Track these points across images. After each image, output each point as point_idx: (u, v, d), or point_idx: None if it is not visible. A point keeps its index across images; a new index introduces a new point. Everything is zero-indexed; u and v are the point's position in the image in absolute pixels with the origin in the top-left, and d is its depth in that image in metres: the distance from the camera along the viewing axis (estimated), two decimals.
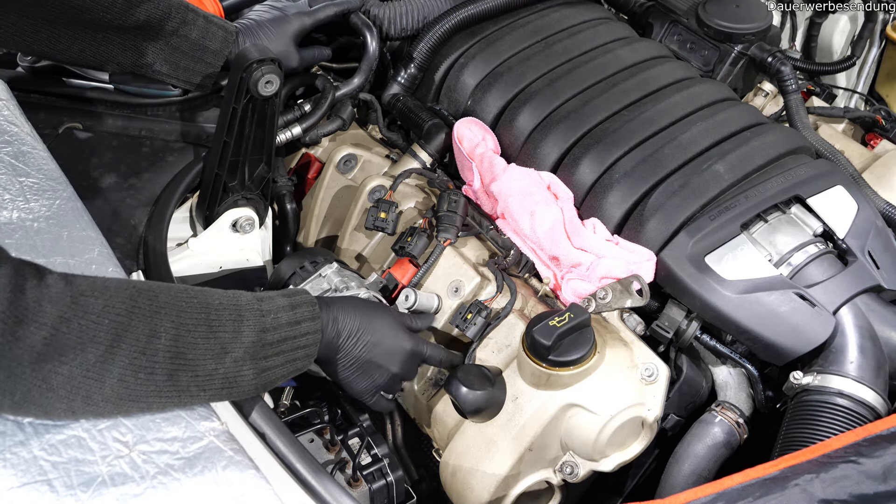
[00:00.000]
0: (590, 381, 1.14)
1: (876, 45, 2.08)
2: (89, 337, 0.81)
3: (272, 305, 0.99)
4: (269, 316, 0.97)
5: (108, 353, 0.82)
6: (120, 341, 0.83)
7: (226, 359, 0.92)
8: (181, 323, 0.88)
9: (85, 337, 0.81)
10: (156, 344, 0.86)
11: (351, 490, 1.18)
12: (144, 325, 0.85)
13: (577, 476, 1.18)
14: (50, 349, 0.79)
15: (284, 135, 1.47)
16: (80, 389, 0.82)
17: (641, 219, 1.27)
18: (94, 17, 1.23)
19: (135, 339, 0.84)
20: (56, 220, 1.09)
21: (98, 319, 0.82)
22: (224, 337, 0.92)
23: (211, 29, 1.34)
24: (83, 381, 0.82)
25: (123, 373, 0.84)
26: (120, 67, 1.33)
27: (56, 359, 0.79)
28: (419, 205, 1.42)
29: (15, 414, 0.84)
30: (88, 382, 0.82)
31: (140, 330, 0.85)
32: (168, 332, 0.87)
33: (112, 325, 0.82)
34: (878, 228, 1.26)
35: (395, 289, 1.34)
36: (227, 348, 0.92)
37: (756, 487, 0.86)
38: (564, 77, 1.47)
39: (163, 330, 0.86)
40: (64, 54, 1.28)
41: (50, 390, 0.80)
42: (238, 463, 0.88)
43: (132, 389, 0.85)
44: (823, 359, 1.15)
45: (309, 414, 1.29)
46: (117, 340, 0.83)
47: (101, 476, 0.83)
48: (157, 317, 0.87)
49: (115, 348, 0.83)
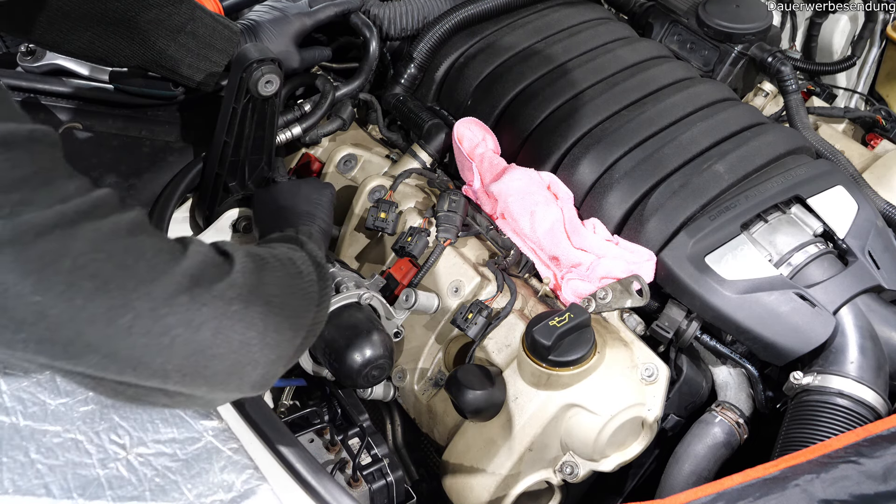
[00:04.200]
0: (590, 381, 1.14)
1: (876, 45, 2.07)
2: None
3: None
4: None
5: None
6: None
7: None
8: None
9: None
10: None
11: (351, 490, 1.18)
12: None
13: (577, 476, 1.17)
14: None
15: (284, 135, 1.47)
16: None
17: (641, 219, 1.27)
18: (109, 8, 1.24)
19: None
20: None
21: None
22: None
23: (217, 28, 1.34)
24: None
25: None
26: (126, 62, 1.33)
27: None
28: (419, 205, 1.42)
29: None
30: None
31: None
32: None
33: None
34: (878, 228, 1.25)
35: (396, 289, 1.34)
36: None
37: (756, 487, 0.86)
38: (564, 77, 1.47)
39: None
40: (73, 45, 1.28)
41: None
42: (237, 463, 0.88)
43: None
44: (823, 359, 1.15)
45: (309, 414, 1.29)
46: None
47: (97, 479, 0.83)
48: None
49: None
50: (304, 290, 0.96)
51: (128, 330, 0.75)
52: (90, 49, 1.29)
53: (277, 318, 0.88)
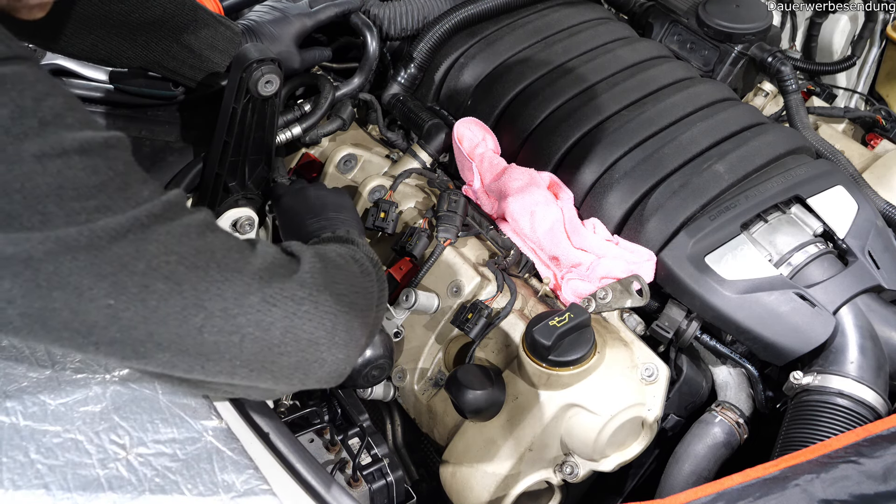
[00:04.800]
0: (590, 381, 1.14)
1: (876, 45, 2.08)
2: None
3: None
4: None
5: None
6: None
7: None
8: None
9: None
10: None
11: (351, 490, 1.18)
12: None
13: (577, 476, 1.17)
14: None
15: (284, 135, 1.47)
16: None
17: (641, 219, 1.27)
18: (112, 10, 1.24)
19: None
20: None
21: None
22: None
23: (220, 29, 1.35)
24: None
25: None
26: (129, 63, 1.33)
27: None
28: (419, 205, 1.42)
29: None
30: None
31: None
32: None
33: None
34: (878, 228, 1.25)
35: (396, 289, 1.34)
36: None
37: (756, 487, 0.86)
38: (564, 77, 1.47)
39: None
40: (77, 47, 1.28)
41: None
42: (237, 463, 0.88)
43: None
44: (823, 359, 1.15)
45: (309, 414, 1.29)
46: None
47: (97, 479, 0.83)
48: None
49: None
50: (367, 289, 0.98)
51: (199, 330, 0.78)
52: (93, 51, 1.29)
53: (346, 317, 0.90)
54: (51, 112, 0.71)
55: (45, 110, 0.70)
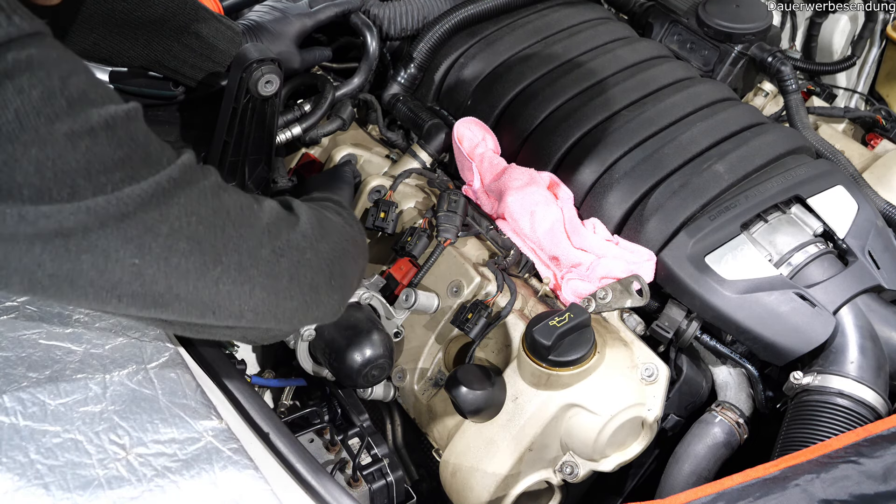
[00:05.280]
0: (590, 381, 1.14)
1: (876, 45, 2.08)
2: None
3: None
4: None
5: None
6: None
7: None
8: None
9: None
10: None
11: (351, 490, 1.18)
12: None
13: (577, 476, 1.17)
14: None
15: (284, 135, 1.47)
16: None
17: (641, 219, 1.27)
18: (115, 9, 1.24)
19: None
20: None
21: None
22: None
23: (220, 28, 1.35)
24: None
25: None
26: (130, 62, 1.33)
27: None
28: (419, 205, 1.42)
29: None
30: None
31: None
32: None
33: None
34: (878, 228, 1.25)
35: (395, 289, 1.34)
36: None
37: (756, 487, 0.86)
38: (564, 77, 1.47)
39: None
40: (78, 46, 1.28)
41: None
42: (237, 463, 0.88)
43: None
44: (823, 359, 1.15)
45: (309, 414, 1.29)
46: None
47: (97, 479, 0.83)
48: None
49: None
50: (356, 238, 1.07)
51: (215, 282, 0.85)
52: (94, 50, 1.29)
53: (341, 262, 1.00)
54: (77, 90, 0.73)
55: (71, 89, 0.73)
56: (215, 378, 1.03)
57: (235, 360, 1.25)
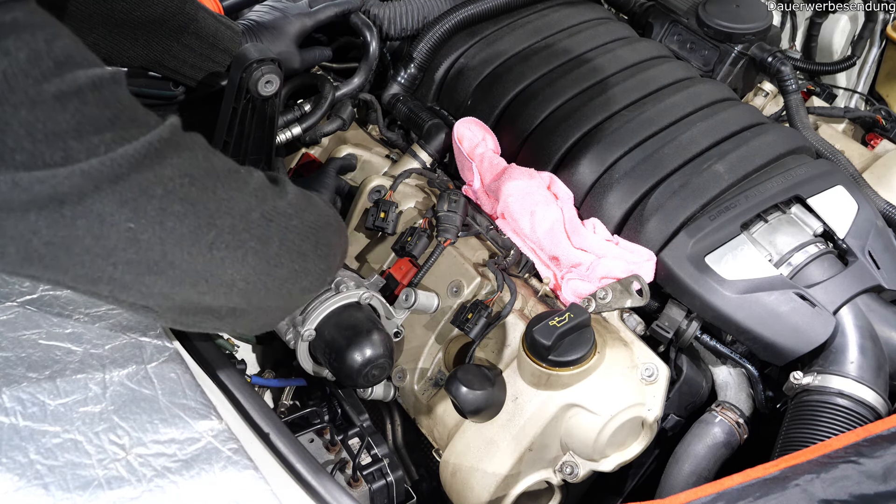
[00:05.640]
0: (590, 381, 1.14)
1: (876, 45, 2.08)
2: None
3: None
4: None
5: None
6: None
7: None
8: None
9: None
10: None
11: (351, 490, 1.18)
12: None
13: (577, 476, 1.17)
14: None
15: (284, 135, 1.47)
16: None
17: (641, 219, 1.27)
18: (114, 9, 1.24)
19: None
20: None
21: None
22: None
23: (220, 28, 1.35)
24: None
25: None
26: (130, 62, 1.33)
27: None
28: (419, 205, 1.42)
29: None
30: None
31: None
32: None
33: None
34: (878, 228, 1.25)
35: (395, 289, 1.34)
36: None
37: (756, 487, 0.86)
38: (564, 77, 1.47)
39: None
40: None
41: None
42: (236, 463, 0.88)
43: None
44: (824, 359, 1.15)
45: (309, 414, 1.29)
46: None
47: (97, 479, 0.83)
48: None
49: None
50: (336, 216, 1.08)
51: (209, 246, 0.84)
52: (94, 49, 1.28)
53: (326, 232, 1.01)
54: (63, 52, 0.73)
55: (56, 51, 0.73)
56: (215, 378, 1.03)
57: (235, 360, 1.25)
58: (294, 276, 0.95)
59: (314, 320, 1.20)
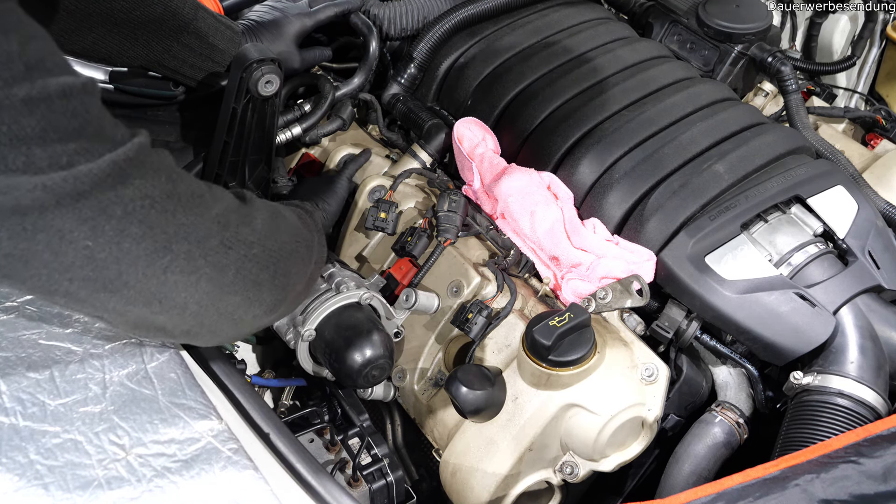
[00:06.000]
0: (590, 381, 1.14)
1: (876, 45, 2.08)
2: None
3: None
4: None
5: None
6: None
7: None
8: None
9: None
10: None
11: (351, 490, 1.18)
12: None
13: (577, 476, 1.17)
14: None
15: (284, 135, 1.47)
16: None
17: (641, 219, 1.27)
18: (114, 7, 1.24)
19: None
20: None
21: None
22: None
23: (220, 28, 1.35)
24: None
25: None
26: (130, 62, 1.33)
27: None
28: (419, 205, 1.42)
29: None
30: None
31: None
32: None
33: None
34: (878, 228, 1.25)
35: (396, 289, 1.34)
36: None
37: (756, 487, 0.86)
38: (564, 77, 1.47)
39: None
40: (77, 45, 1.28)
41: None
42: (236, 463, 0.88)
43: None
44: (824, 359, 1.15)
45: (309, 414, 1.29)
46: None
47: (97, 480, 0.83)
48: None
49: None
50: (308, 241, 1.07)
51: (164, 270, 0.84)
52: (94, 49, 1.29)
53: (287, 263, 0.99)
54: (35, 56, 0.73)
55: (29, 54, 0.72)
56: (215, 378, 1.03)
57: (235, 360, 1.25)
58: (247, 303, 0.95)
59: (314, 320, 1.20)
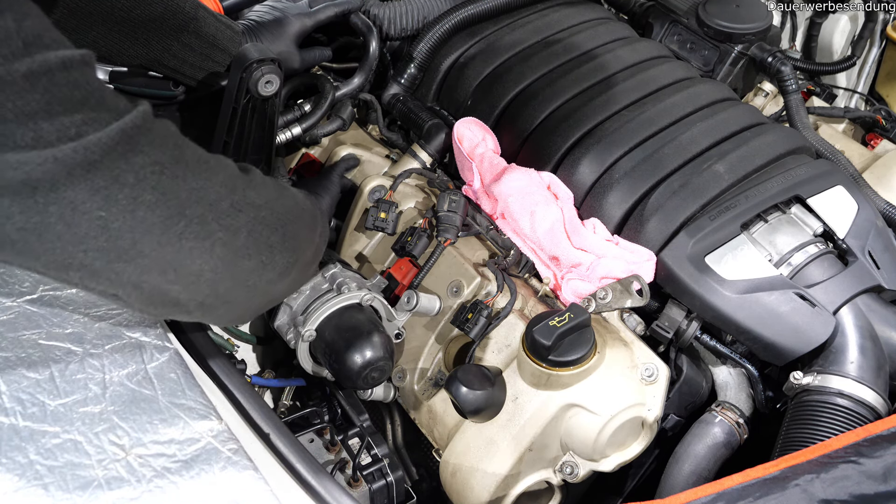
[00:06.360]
0: (590, 381, 1.14)
1: (876, 45, 2.08)
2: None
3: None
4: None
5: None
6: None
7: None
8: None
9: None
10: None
11: (351, 490, 1.18)
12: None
13: (577, 476, 1.17)
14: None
15: (284, 135, 1.47)
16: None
17: (641, 219, 1.27)
18: (115, 6, 1.24)
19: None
20: None
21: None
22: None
23: (220, 28, 1.35)
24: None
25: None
26: (130, 61, 1.33)
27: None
28: (419, 205, 1.42)
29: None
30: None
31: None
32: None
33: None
34: (878, 228, 1.25)
35: (396, 289, 1.34)
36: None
37: (756, 487, 0.86)
38: (564, 77, 1.47)
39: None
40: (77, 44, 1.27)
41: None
42: (236, 464, 0.88)
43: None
44: (823, 359, 1.15)
45: (309, 414, 1.29)
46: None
47: (97, 480, 0.83)
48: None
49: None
50: (311, 211, 1.08)
51: (178, 236, 0.84)
52: (94, 48, 1.28)
53: (294, 226, 1.00)
54: (32, 32, 0.73)
55: (26, 30, 0.72)
56: (215, 378, 1.03)
57: (235, 360, 1.25)
58: (261, 267, 0.95)
59: (315, 321, 1.20)
